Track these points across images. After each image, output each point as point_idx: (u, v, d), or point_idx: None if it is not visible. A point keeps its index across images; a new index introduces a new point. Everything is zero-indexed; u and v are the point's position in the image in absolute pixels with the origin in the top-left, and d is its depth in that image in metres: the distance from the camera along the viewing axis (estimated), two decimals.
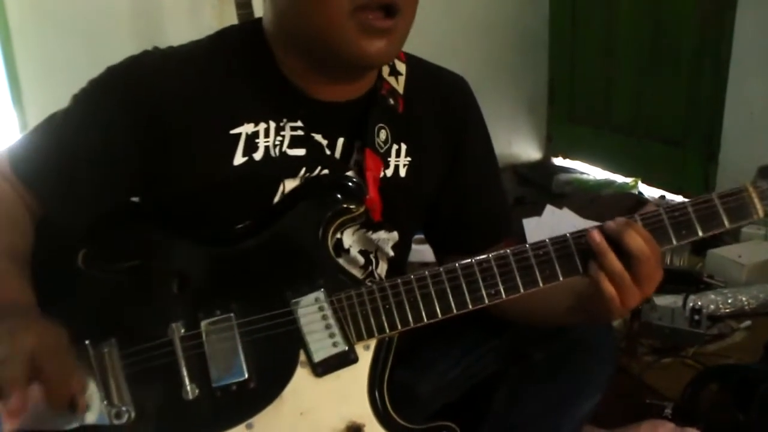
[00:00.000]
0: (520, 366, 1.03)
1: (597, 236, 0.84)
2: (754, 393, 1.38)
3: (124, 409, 0.86)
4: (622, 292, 0.84)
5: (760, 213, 0.88)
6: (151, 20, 2.81)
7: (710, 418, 1.43)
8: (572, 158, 3.54)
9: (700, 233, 0.87)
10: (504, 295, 0.87)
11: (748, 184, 0.88)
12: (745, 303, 1.94)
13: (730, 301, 1.94)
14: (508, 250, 0.87)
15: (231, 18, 2.24)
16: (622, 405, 1.50)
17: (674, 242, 0.87)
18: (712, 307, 1.91)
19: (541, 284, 0.86)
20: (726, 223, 0.87)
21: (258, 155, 0.92)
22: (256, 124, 0.92)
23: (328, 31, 0.85)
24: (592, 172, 3.37)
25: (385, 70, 1.00)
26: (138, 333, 0.87)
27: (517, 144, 3.60)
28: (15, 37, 2.76)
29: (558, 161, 3.60)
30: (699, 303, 1.87)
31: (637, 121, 3.10)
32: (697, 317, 1.79)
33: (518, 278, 0.87)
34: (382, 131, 0.98)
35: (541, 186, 2.94)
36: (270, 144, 0.92)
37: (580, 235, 0.86)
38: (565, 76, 3.49)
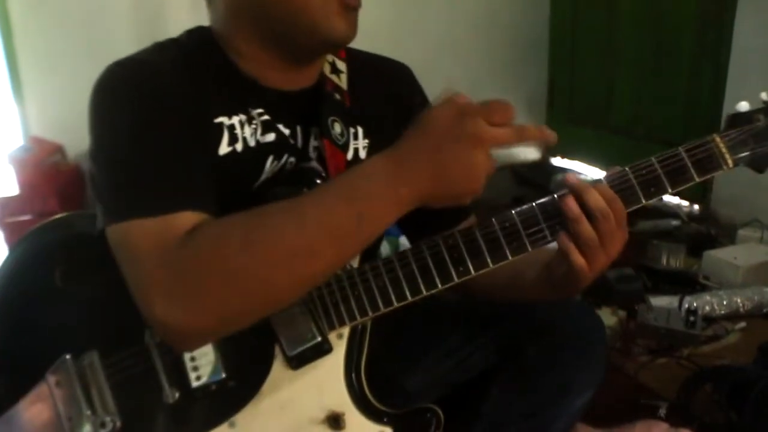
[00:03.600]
0: (511, 362, 1.03)
1: (572, 203, 0.83)
2: (748, 394, 1.39)
3: (108, 418, 0.86)
4: (589, 256, 0.83)
5: (730, 163, 0.86)
6: (152, 13, 2.81)
7: (704, 418, 1.44)
8: (571, 158, 3.54)
9: (670, 189, 0.85)
10: (473, 271, 0.85)
11: (715, 135, 0.87)
12: (740, 305, 1.95)
13: (725, 302, 1.95)
14: (474, 226, 0.86)
15: None
16: (616, 405, 1.50)
17: (643, 200, 0.85)
18: (707, 308, 1.92)
19: (509, 256, 0.85)
20: (695, 175, 0.85)
21: (239, 146, 0.93)
22: (230, 118, 0.92)
23: (308, 12, 0.89)
24: (591, 173, 3.38)
25: (327, 68, 1.03)
26: (117, 342, 0.88)
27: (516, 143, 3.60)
28: (16, 32, 2.77)
29: (557, 161, 3.61)
30: (694, 304, 1.88)
31: (636, 122, 3.11)
32: (692, 318, 1.80)
33: (486, 252, 0.85)
34: (336, 124, 0.99)
35: (539, 186, 2.94)
36: (247, 134, 0.93)
37: (546, 202, 0.85)
38: (565, 77, 3.49)
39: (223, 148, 0.92)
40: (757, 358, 1.59)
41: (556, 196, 0.85)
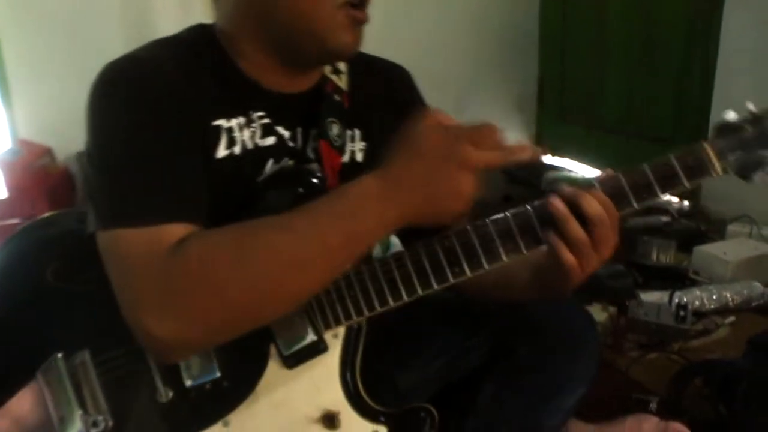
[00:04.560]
0: (504, 360, 1.04)
1: (559, 203, 0.84)
2: (737, 387, 1.40)
3: (100, 417, 0.86)
4: (581, 258, 0.84)
5: (719, 170, 0.88)
6: (140, 17, 2.80)
7: (694, 412, 1.45)
8: (561, 156, 3.55)
9: (660, 194, 0.87)
10: (468, 273, 0.86)
11: (704, 142, 0.88)
12: (730, 299, 1.97)
13: (715, 297, 1.96)
14: (468, 226, 0.86)
15: None
16: (607, 400, 1.51)
17: (635, 205, 0.86)
18: (697, 303, 1.93)
19: (504, 258, 0.86)
20: (685, 181, 0.87)
21: (237, 149, 0.92)
22: (228, 120, 0.92)
23: (315, 25, 0.89)
24: (581, 170, 3.39)
25: (328, 68, 1.03)
26: (109, 341, 0.87)
27: (507, 142, 3.61)
28: (3, 35, 2.75)
29: (547, 159, 3.62)
30: (684, 299, 1.89)
31: (626, 120, 3.12)
32: (682, 313, 1.82)
33: (481, 254, 0.86)
34: (334, 125, 0.99)
35: (529, 184, 2.94)
36: (245, 137, 0.93)
37: (540, 205, 0.86)
38: (555, 75, 3.50)
39: (221, 152, 0.91)
40: (747, 352, 1.60)
41: (547, 198, 0.86)
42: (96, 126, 0.86)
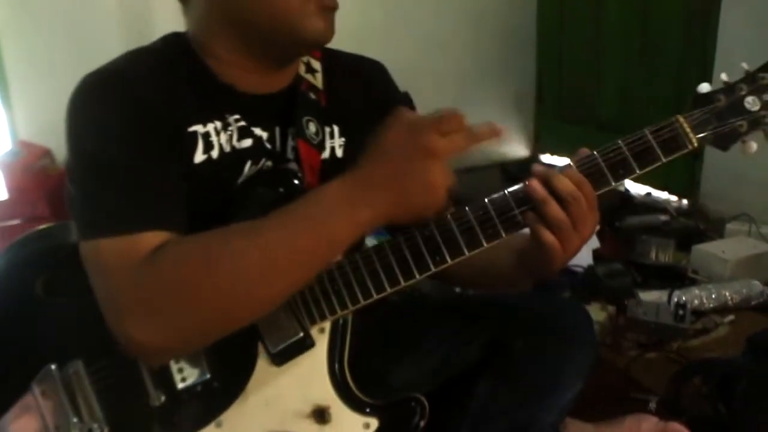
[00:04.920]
0: (500, 356, 1.04)
1: (536, 184, 0.84)
2: (736, 386, 1.41)
3: (95, 425, 0.87)
4: (562, 238, 0.85)
5: (695, 143, 0.88)
6: (140, 17, 2.80)
7: (693, 411, 1.46)
8: (560, 156, 3.56)
9: (638, 170, 0.87)
10: (449, 260, 0.86)
11: (678, 116, 0.89)
12: (729, 298, 1.97)
13: (714, 296, 1.97)
14: (449, 214, 0.87)
15: None
16: (606, 399, 1.52)
17: (612, 183, 0.87)
18: (696, 302, 1.94)
19: (484, 244, 0.86)
20: (661, 156, 0.87)
21: (215, 153, 0.93)
22: (205, 125, 0.93)
23: (288, 14, 0.90)
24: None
25: (302, 68, 1.04)
26: (101, 349, 0.88)
27: (505, 141, 3.62)
28: (3, 36, 2.75)
29: (546, 159, 3.62)
30: (683, 298, 1.89)
31: (624, 119, 3.12)
32: (681, 312, 1.82)
33: (461, 241, 0.86)
34: (311, 123, 1.00)
35: None
36: (222, 141, 0.94)
37: (517, 189, 0.86)
38: (553, 74, 3.50)
39: (198, 156, 0.92)
40: (746, 351, 1.61)
41: (525, 182, 0.86)
42: (72, 139, 0.88)
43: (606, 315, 1.91)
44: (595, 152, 0.87)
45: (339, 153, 1.04)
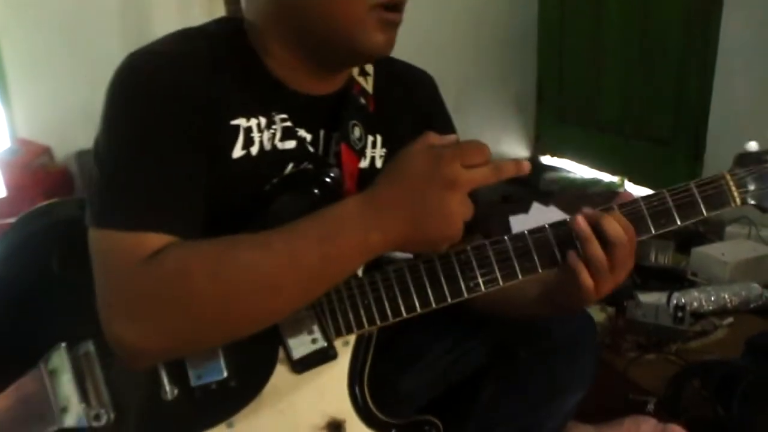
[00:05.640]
0: (504, 361, 1.03)
1: (583, 223, 0.84)
2: (735, 389, 1.40)
3: (102, 411, 0.85)
4: (598, 279, 0.84)
5: (738, 201, 0.88)
6: (139, 17, 2.80)
7: (692, 413, 1.45)
8: (560, 157, 3.56)
9: (679, 222, 0.87)
10: (483, 288, 0.86)
11: (726, 173, 0.88)
12: (728, 300, 1.97)
13: (713, 298, 1.96)
14: (486, 241, 0.86)
15: (220, 14, 2.24)
16: (605, 400, 1.51)
17: (653, 231, 0.87)
18: (695, 304, 1.93)
19: (520, 276, 0.86)
20: (704, 211, 0.87)
21: (254, 150, 0.91)
22: (248, 120, 0.90)
23: (348, 25, 0.87)
24: (580, 171, 3.39)
25: (355, 70, 1.01)
26: None
27: (506, 142, 3.62)
28: (1, 34, 2.75)
29: (546, 160, 3.62)
30: (683, 300, 1.89)
31: (625, 121, 3.13)
32: (680, 314, 1.82)
33: (497, 271, 0.86)
34: (356, 128, 0.98)
35: (528, 184, 2.95)
36: (264, 138, 0.91)
37: (559, 225, 0.86)
38: (554, 75, 3.50)
39: (237, 152, 0.89)
40: (745, 353, 1.61)
41: (568, 219, 0.86)
42: (107, 116, 0.85)
43: (605, 316, 1.91)
44: (639, 198, 0.87)
45: (378, 164, 1.01)
